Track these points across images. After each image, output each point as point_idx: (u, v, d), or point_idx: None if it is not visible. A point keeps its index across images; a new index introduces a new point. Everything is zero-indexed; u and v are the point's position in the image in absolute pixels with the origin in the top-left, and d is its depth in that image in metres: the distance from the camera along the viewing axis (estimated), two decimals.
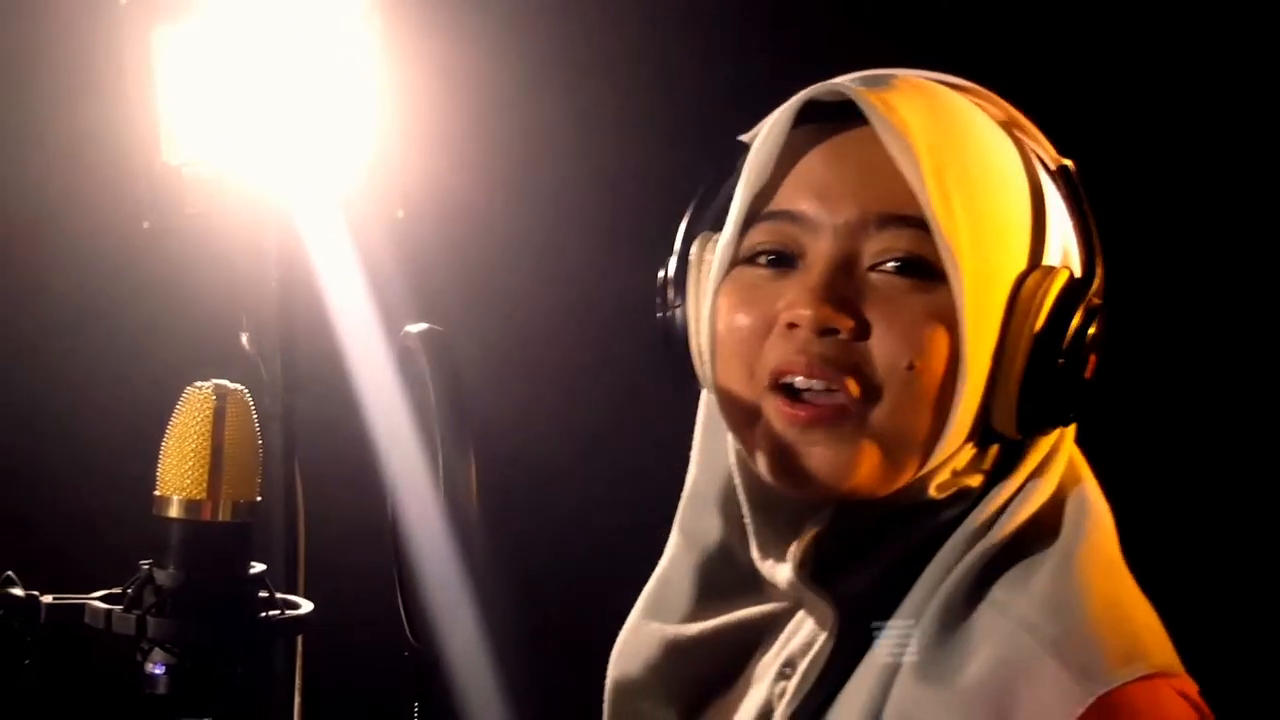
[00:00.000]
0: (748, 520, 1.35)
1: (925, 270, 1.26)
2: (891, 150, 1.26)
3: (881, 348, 1.26)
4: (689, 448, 1.45)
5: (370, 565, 1.52)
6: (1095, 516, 1.32)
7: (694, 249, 1.36)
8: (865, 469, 1.27)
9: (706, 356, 1.34)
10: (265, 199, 2.16)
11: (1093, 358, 1.30)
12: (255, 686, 1.33)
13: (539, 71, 2.80)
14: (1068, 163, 1.32)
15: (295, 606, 1.34)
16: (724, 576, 1.41)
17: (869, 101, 1.27)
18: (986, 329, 1.27)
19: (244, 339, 2.18)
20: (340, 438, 2.04)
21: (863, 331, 1.26)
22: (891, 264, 1.27)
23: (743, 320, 1.30)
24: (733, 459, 1.37)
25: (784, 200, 1.30)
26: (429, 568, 1.35)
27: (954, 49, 2.49)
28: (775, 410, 1.28)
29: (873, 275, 1.27)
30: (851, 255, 1.27)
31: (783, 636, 1.37)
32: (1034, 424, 1.29)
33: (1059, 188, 1.32)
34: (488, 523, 1.34)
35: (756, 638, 1.40)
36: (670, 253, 1.38)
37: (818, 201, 1.29)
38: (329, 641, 1.79)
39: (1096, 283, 1.30)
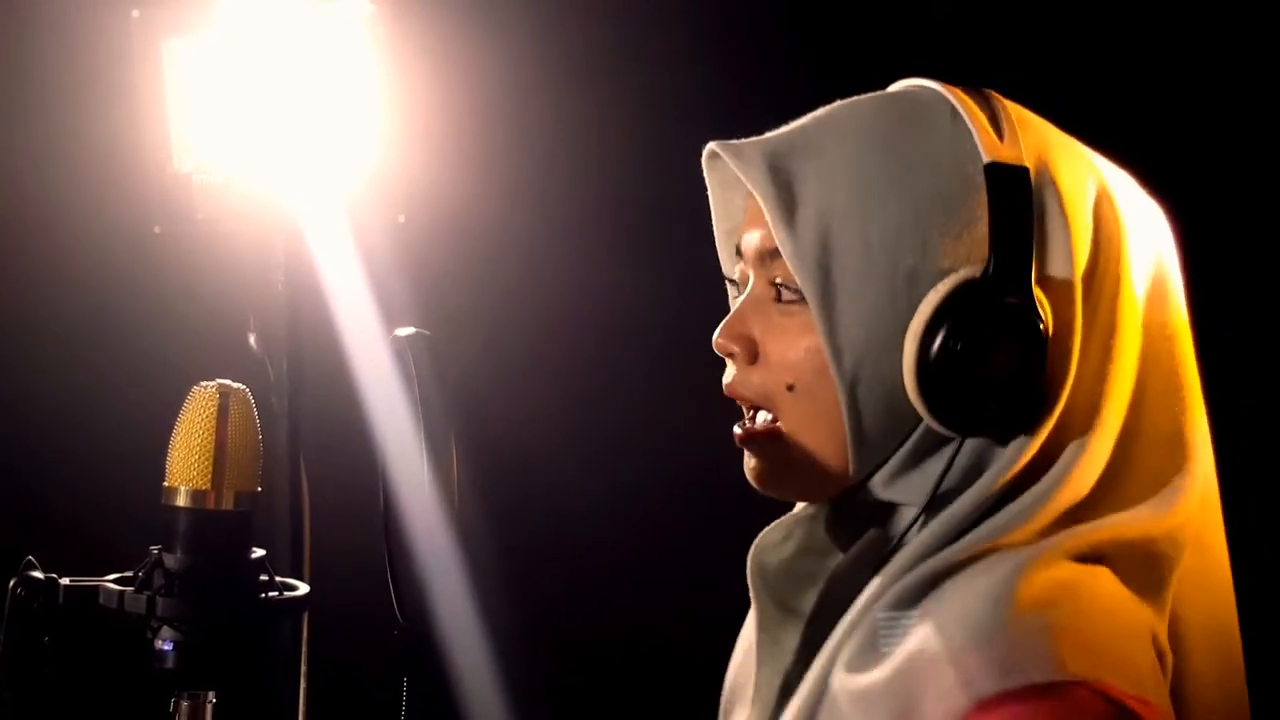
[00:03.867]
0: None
1: (799, 293, 1.31)
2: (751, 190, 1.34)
3: (766, 372, 1.34)
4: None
5: (370, 550, 1.56)
6: (1097, 532, 1.27)
7: None
8: (784, 479, 1.35)
9: None
10: (272, 205, 2.20)
11: (1001, 354, 1.25)
12: (259, 661, 1.41)
13: (536, 79, 2.83)
14: (994, 159, 1.28)
15: (293, 588, 1.42)
16: None
17: (726, 153, 1.34)
18: (862, 338, 1.28)
19: (251, 339, 2.22)
20: (342, 433, 2.09)
21: (754, 357, 1.34)
22: (775, 292, 1.34)
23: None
24: None
25: (738, 234, 1.39)
26: (422, 551, 1.41)
27: (946, 51, 2.49)
28: None
29: (773, 303, 1.34)
30: (761, 286, 1.35)
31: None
32: (952, 421, 1.27)
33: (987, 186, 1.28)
34: (487, 511, 1.41)
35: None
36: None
37: (743, 239, 1.37)
38: (332, 619, 1.85)
39: (998, 280, 1.26)
